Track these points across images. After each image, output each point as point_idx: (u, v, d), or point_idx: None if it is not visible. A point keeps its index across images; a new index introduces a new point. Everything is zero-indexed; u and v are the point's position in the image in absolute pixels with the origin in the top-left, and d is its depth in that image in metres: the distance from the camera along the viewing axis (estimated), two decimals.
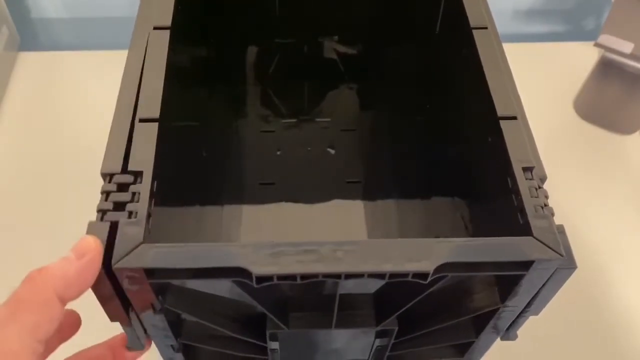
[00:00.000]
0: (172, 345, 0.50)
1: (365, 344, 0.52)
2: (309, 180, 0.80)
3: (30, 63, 0.92)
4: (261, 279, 0.38)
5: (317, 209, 0.78)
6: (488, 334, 0.51)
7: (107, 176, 0.42)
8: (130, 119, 0.45)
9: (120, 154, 0.43)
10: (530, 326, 0.51)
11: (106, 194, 0.41)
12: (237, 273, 0.38)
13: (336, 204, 0.78)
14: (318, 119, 0.82)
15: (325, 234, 0.74)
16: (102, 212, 0.40)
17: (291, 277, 0.38)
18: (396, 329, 0.48)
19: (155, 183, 0.42)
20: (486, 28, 0.53)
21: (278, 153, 0.81)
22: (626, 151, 0.84)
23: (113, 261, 0.37)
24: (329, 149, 0.82)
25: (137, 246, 0.37)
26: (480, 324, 0.50)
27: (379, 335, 0.50)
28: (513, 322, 0.49)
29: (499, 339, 0.52)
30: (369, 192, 0.79)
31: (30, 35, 0.98)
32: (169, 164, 0.46)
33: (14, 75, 0.90)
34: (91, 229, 0.39)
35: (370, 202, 0.78)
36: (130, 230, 0.38)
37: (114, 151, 0.43)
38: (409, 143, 0.76)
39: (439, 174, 0.66)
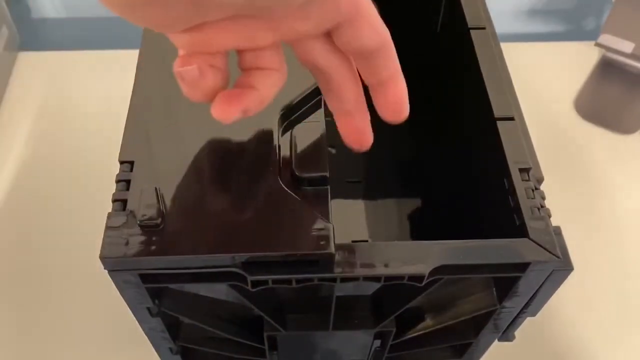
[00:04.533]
0: (170, 348, 0.50)
1: (363, 346, 0.52)
2: None
3: (30, 63, 0.92)
4: (256, 282, 0.38)
5: None
6: (486, 335, 0.51)
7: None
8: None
9: None
10: (527, 327, 0.51)
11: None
12: (233, 277, 0.38)
13: (336, 204, 0.78)
14: None
15: None
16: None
17: (286, 280, 0.38)
18: (394, 330, 0.48)
19: None
20: (484, 28, 0.53)
21: None
22: (627, 151, 0.83)
23: (107, 266, 0.37)
24: (329, 148, 0.82)
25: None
26: (479, 325, 0.50)
27: (377, 336, 0.50)
28: (511, 323, 0.49)
29: (496, 340, 0.52)
30: (370, 191, 0.79)
31: (31, 34, 0.98)
32: None
33: (14, 75, 0.90)
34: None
35: (371, 201, 0.78)
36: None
37: None
38: (410, 142, 0.76)
39: (439, 173, 0.66)
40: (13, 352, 0.65)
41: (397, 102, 0.40)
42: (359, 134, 0.41)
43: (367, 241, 0.71)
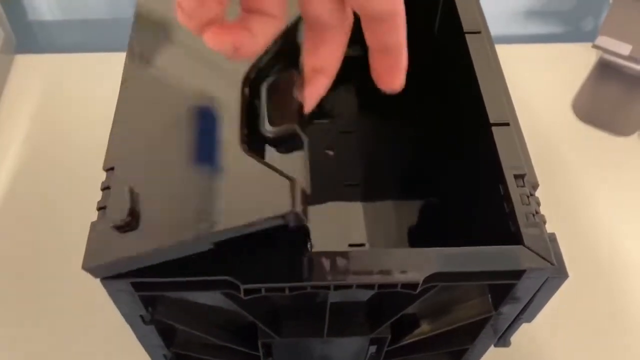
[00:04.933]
0: (164, 355, 0.50)
1: (358, 352, 0.52)
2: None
3: (26, 65, 0.91)
4: (249, 291, 0.38)
5: (315, 212, 0.77)
6: (482, 341, 0.51)
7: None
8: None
9: None
10: (523, 333, 0.51)
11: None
12: (225, 285, 0.38)
13: (335, 207, 0.78)
14: (317, 121, 0.82)
15: (324, 238, 0.74)
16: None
17: (279, 289, 0.38)
18: (389, 336, 0.48)
19: None
20: (479, 32, 0.53)
21: None
22: (625, 152, 0.83)
23: (98, 273, 0.37)
24: (327, 151, 0.81)
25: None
26: (475, 331, 0.50)
27: (372, 342, 0.50)
28: (506, 329, 0.49)
29: (492, 346, 0.52)
30: (368, 195, 0.79)
31: (27, 37, 0.98)
32: None
33: (11, 77, 0.89)
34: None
35: (369, 204, 0.78)
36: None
37: None
38: (408, 146, 0.75)
39: (435, 178, 0.66)
40: (13, 352, 0.65)
41: (394, 69, 0.40)
42: (313, 95, 0.41)
43: (364, 245, 0.71)
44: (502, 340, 0.51)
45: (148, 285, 0.38)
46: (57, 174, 0.79)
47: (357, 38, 0.74)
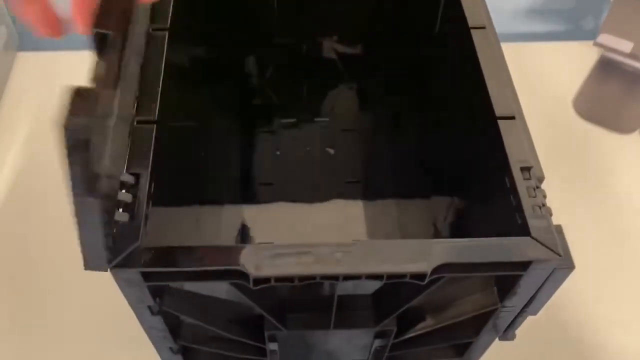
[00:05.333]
0: (170, 347, 0.50)
1: (364, 345, 0.52)
2: (308, 180, 0.80)
3: (29, 63, 0.92)
4: (258, 280, 0.38)
5: (317, 209, 0.78)
6: (487, 334, 0.51)
7: None
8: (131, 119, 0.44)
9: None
10: (528, 326, 0.51)
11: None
12: (235, 275, 0.38)
13: (335, 204, 0.78)
14: (317, 119, 0.82)
15: (325, 234, 0.74)
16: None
17: (289, 278, 0.38)
18: (395, 329, 0.48)
19: (153, 185, 0.41)
20: (484, 28, 0.53)
21: (277, 153, 0.81)
22: (626, 150, 0.83)
23: (109, 263, 0.37)
24: (328, 149, 0.82)
25: (134, 248, 0.37)
26: (479, 324, 0.50)
27: (378, 335, 0.50)
28: (511, 322, 0.49)
29: (497, 339, 0.52)
30: (369, 192, 0.79)
31: (29, 35, 0.98)
32: (167, 164, 0.46)
33: (13, 75, 0.90)
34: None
35: (370, 201, 0.78)
36: (127, 232, 0.38)
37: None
38: (409, 143, 0.76)
39: (438, 173, 0.66)
40: (13, 352, 0.65)
41: None
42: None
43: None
44: (507, 333, 0.51)
45: (157, 275, 0.38)
46: (59, 171, 0.79)
47: (357, 38, 0.75)
